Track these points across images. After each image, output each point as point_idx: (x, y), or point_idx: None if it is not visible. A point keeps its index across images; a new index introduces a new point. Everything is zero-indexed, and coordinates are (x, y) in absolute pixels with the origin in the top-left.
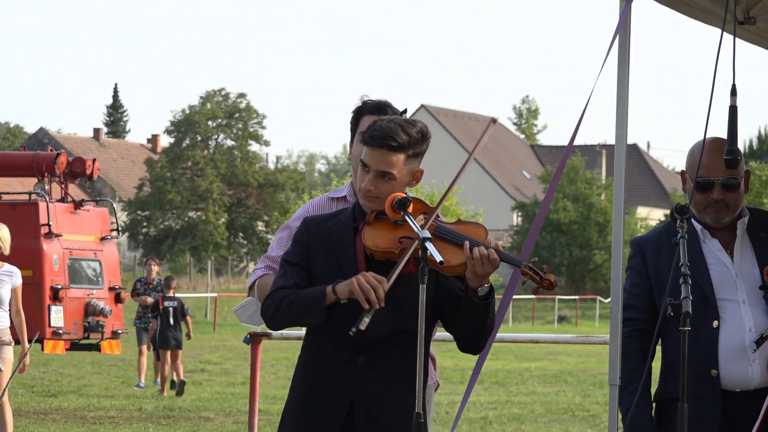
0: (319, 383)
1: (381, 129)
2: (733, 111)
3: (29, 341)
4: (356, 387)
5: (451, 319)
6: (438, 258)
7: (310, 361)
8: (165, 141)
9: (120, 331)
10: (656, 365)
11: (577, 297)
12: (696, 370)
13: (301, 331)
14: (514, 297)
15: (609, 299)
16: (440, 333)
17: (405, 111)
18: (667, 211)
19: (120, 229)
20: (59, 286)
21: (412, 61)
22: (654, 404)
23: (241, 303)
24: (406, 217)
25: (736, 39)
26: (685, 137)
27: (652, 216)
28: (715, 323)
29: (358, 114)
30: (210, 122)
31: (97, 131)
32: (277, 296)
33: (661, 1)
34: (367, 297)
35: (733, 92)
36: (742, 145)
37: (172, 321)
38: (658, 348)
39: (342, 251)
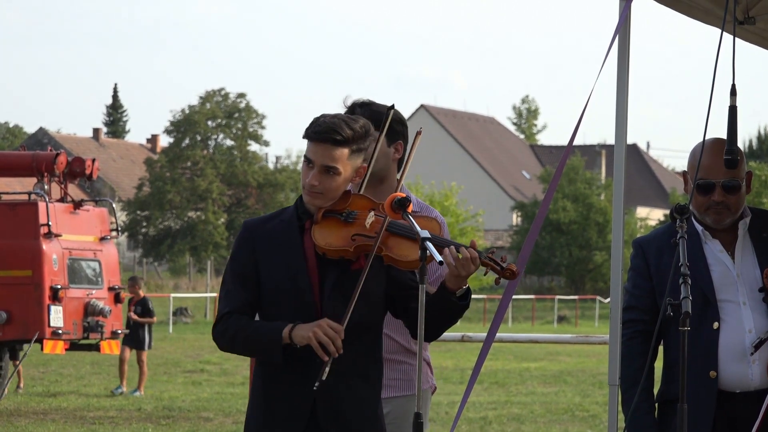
0: (279, 386)
1: (325, 124)
2: (733, 111)
3: (29, 341)
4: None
5: (403, 308)
6: (438, 258)
7: (267, 369)
8: (165, 141)
9: (119, 331)
10: (660, 366)
11: (576, 297)
12: (696, 371)
13: None
14: (514, 297)
15: (608, 299)
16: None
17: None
18: (667, 211)
19: (119, 229)
20: (59, 286)
21: (412, 61)
22: (656, 405)
23: None
24: (407, 217)
25: (736, 39)
26: (685, 137)
27: (652, 216)
28: (716, 324)
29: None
30: (210, 122)
31: (96, 131)
32: (231, 325)
33: (661, 1)
34: (325, 350)
35: (733, 92)
36: (742, 145)
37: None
38: (661, 348)
39: (290, 252)
